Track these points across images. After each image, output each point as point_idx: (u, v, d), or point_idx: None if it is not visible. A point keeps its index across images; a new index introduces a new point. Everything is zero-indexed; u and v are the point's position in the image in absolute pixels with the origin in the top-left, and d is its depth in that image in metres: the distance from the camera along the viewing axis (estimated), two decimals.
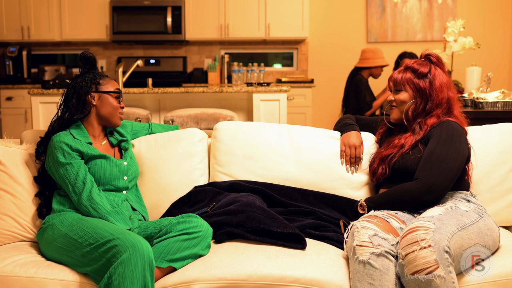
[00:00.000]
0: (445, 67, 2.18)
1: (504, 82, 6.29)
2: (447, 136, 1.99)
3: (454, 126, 2.03)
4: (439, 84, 2.09)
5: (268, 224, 1.90)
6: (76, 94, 2.06)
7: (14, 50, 5.91)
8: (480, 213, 1.87)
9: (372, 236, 1.74)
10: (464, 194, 2.01)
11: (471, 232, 1.76)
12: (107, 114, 2.10)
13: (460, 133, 2.02)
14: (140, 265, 1.64)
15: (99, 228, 1.78)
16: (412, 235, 1.66)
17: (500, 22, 6.33)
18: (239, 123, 2.43)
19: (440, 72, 2.12)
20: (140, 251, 1.65)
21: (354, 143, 2.26)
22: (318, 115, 6.13)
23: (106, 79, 2.13)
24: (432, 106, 2.09)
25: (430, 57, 2.16)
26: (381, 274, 1.68)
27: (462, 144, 2.00)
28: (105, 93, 2.09)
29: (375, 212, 1.94)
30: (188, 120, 3.74)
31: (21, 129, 5.43)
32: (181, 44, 6.25)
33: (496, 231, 1.88)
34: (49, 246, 1.88)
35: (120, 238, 1.69)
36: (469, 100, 3.44)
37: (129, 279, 1.62)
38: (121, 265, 1.63)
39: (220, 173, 2.34)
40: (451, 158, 1.95)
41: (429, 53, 2.17)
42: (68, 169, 1.94)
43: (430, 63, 2.14)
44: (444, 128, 2.02)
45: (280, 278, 1.73)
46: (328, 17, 6.34)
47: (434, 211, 1.82)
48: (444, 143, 1.98)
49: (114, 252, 1.67)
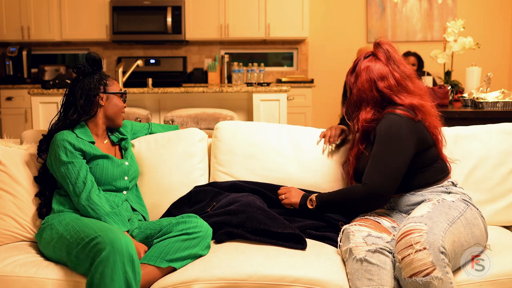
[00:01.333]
0: (393, 53, 2.00)
1: (504, 82, 6.29)
2: (385, 135, 1.91)
3: (391, 120, 1.91)
4: (365, 79, 1.98)
5: (268, 225, 1.90)
6: (85, 95, 2.04)
7: (14, 50, 5.91)
8: (466, 202, 1.86)
9: (366, 236, 1.76)
10: (444, 187, 1.94)
11: (460, 225, 1.76)
12: (112, 115, 2.12)
13: (398, 127, 1.89)
14: (119, 261, 1.64)
15: (87, 226, 1.79)
16: (406, 239, 1.67)
17: (500, 22, 6.33)
18: (240, 123, 2.43)
19: (369, 66, 1.99)
20: (119, 248, 1.65)
21: (334, 126, 2.31)
22: (318, 115, 6.13)
23: (111, 79, 2.15)
24: (357, 100, 2.01)
25: (374, 51, 2.04)
26: (379, 269, 1.69)
27: (402, 139, 1.88)
28: (112, 93, 2.11)
29: (365, 215, 1.94)
30: (188, 120, 3.74)
31: (21, 129, 5.43)
32: (181, 44, 6.25)
33: (480, 220, 1.85)
34: (47, 246, 1.88)
35: (101, 235, 1.70)
36: (469, 100, 3.44)
37: (109, 277, 1.62)
38: (100, 264, 1.64)
39: (220, 173, 2.34)
40: (392, 159, 1.87)
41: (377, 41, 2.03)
42: (69, 168, 1.94)
43: (372, 56, 2.02)
44: (382, 126, 1.93)
45: (280, 278, 1.73)
46: (328, 17, 6.34)
47: (422, 209, 1.81)
48: (382, 143, 1.91)
49: (96, 250, 1.68)
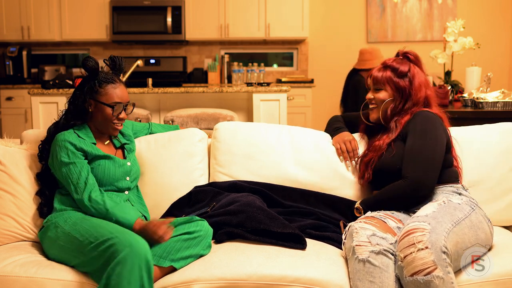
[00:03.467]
0: (423, 65, 2.18)
1: (504, 82, 6.29)
2: (421, 126, 2.02)
3: (426, 115, 2.05)
4: (418, 83, 2.10)
5: (268, 224, 1.90)
6: (73, 99, 2.04)
7: (14, 50, 5.91)
8: (472, 205, 1.88)
9: (371, 236, 1.75)
10: (455, 188, 2.00)
11: (464, 227, 1.77)
12: (99, 124, 2.05)
13: (433, 120, 2.03)
14: (137, 265, 1.63)
15: (100, 227, 1.78)
16: (409, 238, 1.67)
17: (500, 22, 6.33)
18: (239, 123, 2.43)
19: (418, 71, 2.13)
20: (137, 251, 1.65)
21: (348, 138, 2.28)
22: (318, 115, 6.13)
23: (111, 86, 2.02)
24: (411, 105, 2.10)
25: (408, 55, 2.15)
26: (381, 271, 1.69)
27: (437, 130, 2.02)
28: (100, 103, 2.02)
29: (371, 213, 1.95)
30: (188, 120, 3.74)
31: (21, 129, 5.43)
32: (181, 44, 6.25)
33: (486, 225, 1.87)
34: (52, 245, 1.88)
35: (119, 237, 1.69)
36: (469, 100, 3.44)
37: (126, 279, 1.62)
38: (118, 265, 1.63)
39: (220, 173, 2.34)
40: (430, 149, 1.97)
41: (407, 51, 2.17)
42: (71, 168, 1.94)
43: (408, 61, 2.14)
44: (417, 121, 2.04)
45: (280, 278, 1.73)
46: (328, 17, 6.34)
47: (427, 208, 1.82)
48: (420, 135, 2.00)
49: (112, 251, 1.67)
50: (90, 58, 2.01)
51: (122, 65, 2.11)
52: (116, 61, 2.10)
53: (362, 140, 2.31)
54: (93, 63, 2.00)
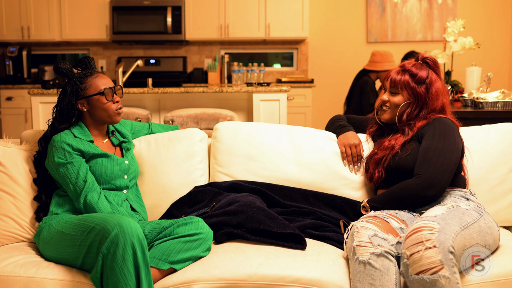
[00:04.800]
0: (441, 71, 2.18)
1: (504, 82, 6.29)
2: (440, 131, 2.02)
3: (446, 121, 2.06)
4: (435, 91, 2.11)
5: (268, 225, 1.90)
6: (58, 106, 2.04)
7: (14, 50, 5.91)
8: (480, 211, 1.88)
9: (372, 236, 1.74)
10: (463, 192, 2.01)
11: (473, 231, 1.76)
12: (100, 117, 2.06)
13: (452, 127, 2.05)
14: (129, 241, 1.66)
15: (89, 216, 1.82)
16: (417, 235, 1.66)
17: (500, 22, 6.33)
18: (239, 123, 2.43)
19: (436, 78, 2.13)
20: (128, 230, 1.67)
21: (353, 142, 2.26)
22: (318, 115, 6.13)
23: (91, 78, 2.04)
24: (426, 112, 2.11)
25: (428, 61, 2.15)
26: (381, 274, 1.68)
27: (456, 137, 2.03)
28: (90, 97, 2.03)
29: (375, 213, 1.93)
30: (188, 120, 3.74)
31: (21, 129, 5.43)
32: (181, 44, 6.25)
33: (496, 230, 1.88)
34: (46, 246, 1.89)
35: (107, 219, 1.72)
36: (469, 100, 3.44)
37: (120, 257, 1.64)
38: (111, 245, 1.66)
39: (220, 173, 2.34)
40: (447, 151, 1.97)
41: (426, 56, 2.17)
42: (69, 168, 1.94)
43: (427, 67, 2.14)
44: (436, 125, 2.05)
45: (280, 278, 1.73)
46: (328, 17, 6.34)
47: (436, 210, 1.82)
48: (439, 138, 2.01)
49: (103, 233, 1.69)
50: (60, 62, 2.05)
51: (91, 63, 2.11)
52: (85, 61, 2.11)
53: (366, 143, 2.30)
54: (65, 65, 2.04)
